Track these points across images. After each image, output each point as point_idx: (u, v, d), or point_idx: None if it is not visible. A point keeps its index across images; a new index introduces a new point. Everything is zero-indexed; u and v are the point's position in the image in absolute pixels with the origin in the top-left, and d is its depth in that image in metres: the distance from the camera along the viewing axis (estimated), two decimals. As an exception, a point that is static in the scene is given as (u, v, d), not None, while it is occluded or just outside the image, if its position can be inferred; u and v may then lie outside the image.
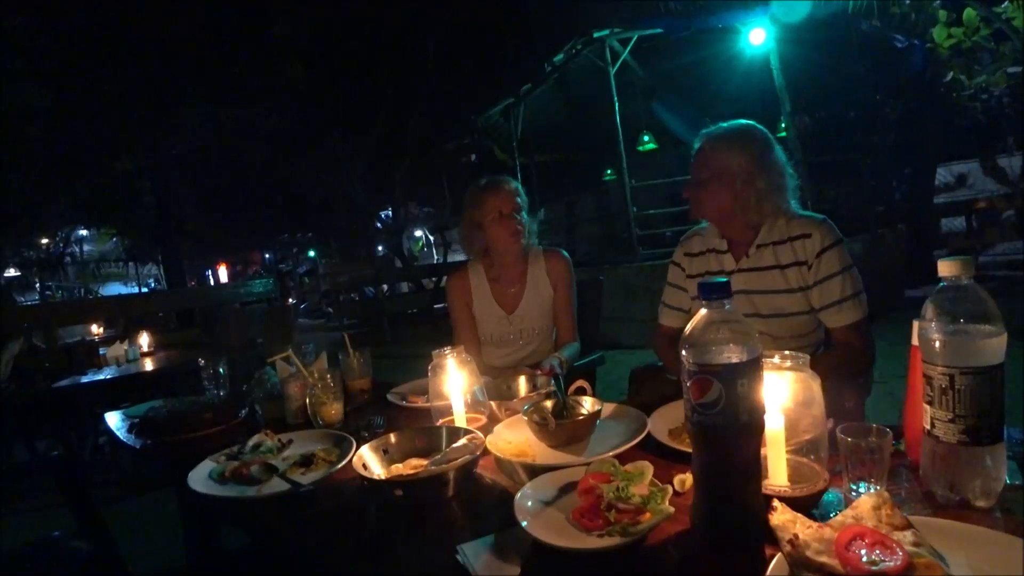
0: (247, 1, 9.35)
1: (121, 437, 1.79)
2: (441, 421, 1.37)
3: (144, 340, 4.36)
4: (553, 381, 1.36)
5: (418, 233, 22.69)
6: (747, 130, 1.64)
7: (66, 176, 10.36)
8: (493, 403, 1.42)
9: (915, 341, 0.90)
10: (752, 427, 0.77)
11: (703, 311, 0.78)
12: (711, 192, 1.62)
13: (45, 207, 11.37)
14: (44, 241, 17.05)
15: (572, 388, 1.37)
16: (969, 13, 6.10)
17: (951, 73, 7.11)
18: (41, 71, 8.45)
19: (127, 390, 3.57)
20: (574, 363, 2.07)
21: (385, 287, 11.32)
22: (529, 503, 0.91)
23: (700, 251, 1.81)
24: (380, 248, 17.05)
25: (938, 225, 9.07)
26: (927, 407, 0.85)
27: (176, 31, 8.84)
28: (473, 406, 1.38)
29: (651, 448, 1.12)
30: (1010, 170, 8.89)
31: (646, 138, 8.88)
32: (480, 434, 1.16)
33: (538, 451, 1.19)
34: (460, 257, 2.26)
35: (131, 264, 21.38)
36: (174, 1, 8.79)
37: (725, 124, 1.66)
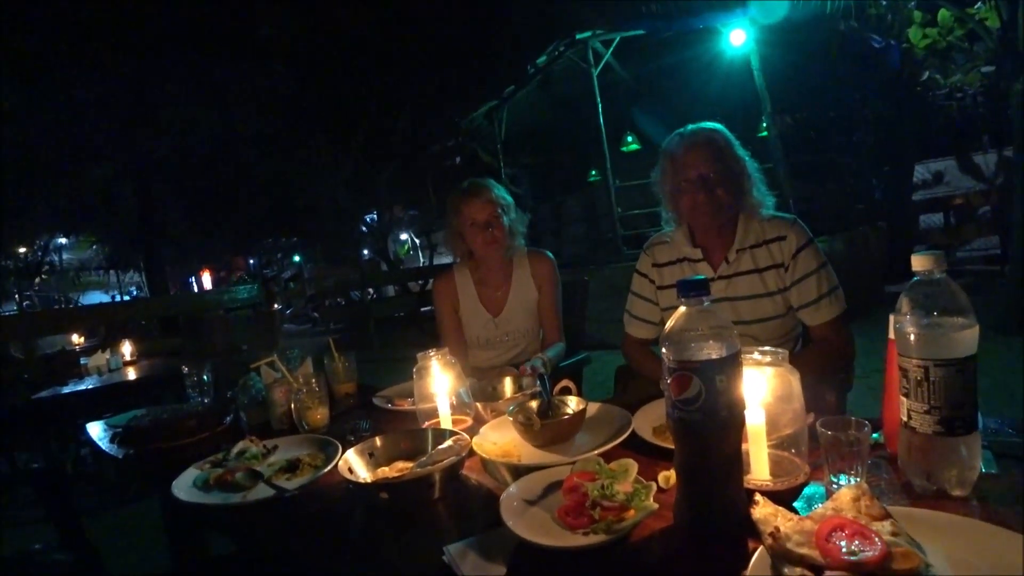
0: (230, 2, 9.26)
1: (103, 447, 1.77)
2: (427, 423, 1.37)
3: (126, 349, 4.30)
4: (538, 381, 1.36)
5: (403, 236, 22.60)
6: (722, 128, 1.65)
7: (43, 182, 10.17)
8: (479, 404, 1.42)
9: (891, 335, 0.92)
10: (732, 422, 0.78)
11: (682, 308, 0.79)
12: (728, 190, 1.58)
13: (22, 214, 11.15)
14: (22, 250, 16.73)
15: (557, 388, 1.37)
16: (943, 14, 6.22)
17: (927, 73, 7.26)
18: (16, 72, 8.29)
19: (110, 400, 3.51)
20: (560, 363, 2.07)
21: (371, 291, 11.27)
22: (514, 503, 0.92)
23: (670, 261, 1.76)
24: (366, 252, 16.96)
25: (917, 222, 9.23)
26: (903, 399, 0.87)
27: (157, 32, 8.73)
28: (458, 408, 1.38)
29: (636, 446, 1.13)
30: (985, 167, 9.08)
31: (629, 139, 8.94)
32: (465, 435, 1.16)
33: (524, 451, 1.19)
34: (447, 260, 2.28)
35: (112, 272, 21.05)
36: (155, 1, 8.67)
37: (698, 125, 1.64)
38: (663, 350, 0.79)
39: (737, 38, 6.60)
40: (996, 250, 8.03)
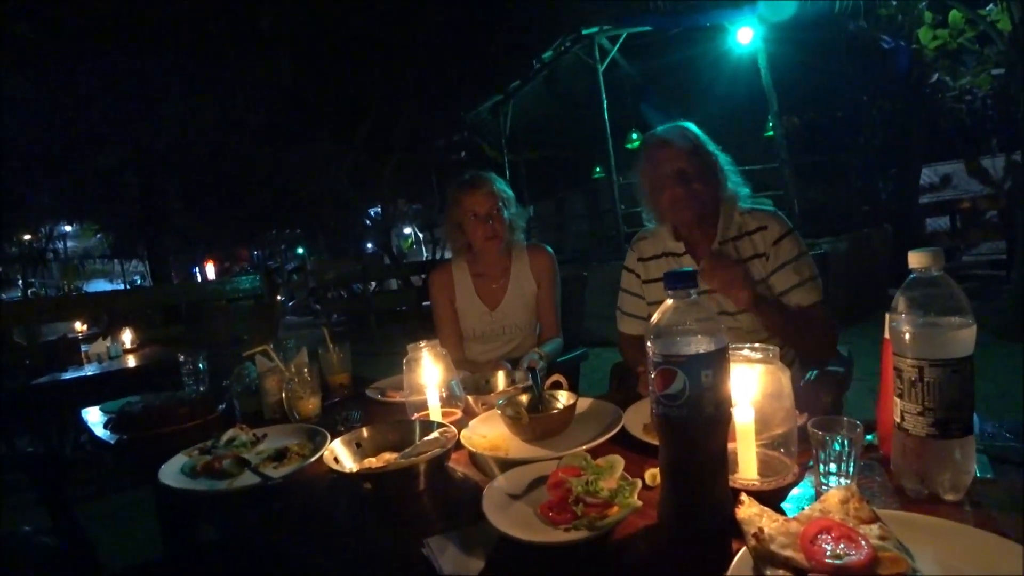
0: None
1: (97, 433, 1.77)
2: (416, 416, 1.35)
3: (127, 337, 4.32)
4: (529, 375, 1.35)
5: (407, 230, 22.59)
6: (692, 125, 1.70)
7: (48, 170, 10.20)
8: (469, 397, 1.41)
9: (887, 334, 0.90)
10: (718, 419, 0.76)
11: (668, 301, 0.78)
12: (705, 182, 1.61)
13: (27, 202, 11.18)
14: (27, 237, 16.80)
15: (548, 382, 1.36)
16: (954, 15, 6.16)
17: (936, 74, 7.20)
18: (20, 59, 8.30)
19: (109, 387, 3.52)
20: (557, 358, 2.06)
21: (373, 284, 11.28)
22: (498, 497, 0.91)
23: (654, 255, 1.80)
24: (369, 245, 16.97)
25: (923, 225, 9.16)
26: (897, 400, 0.85)
27: (161, 22, 8.72)
28: (449, 400, 1.37)
29: (625, 442, 1.12)
30: (993, 171, 9.00)
31: (635, 136, 8.89)
32: (452, 428, 1.15)
33: (512, 445, 1.18)
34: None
35: (116, 260, 21.11)
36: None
37: (668, 124, 1.70)
38: (648, 344, 0.78)
39: (744, 36, 6.56)
40: (1002, 255, 7.96)
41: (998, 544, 0.68)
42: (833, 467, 0.85)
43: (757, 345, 0.89)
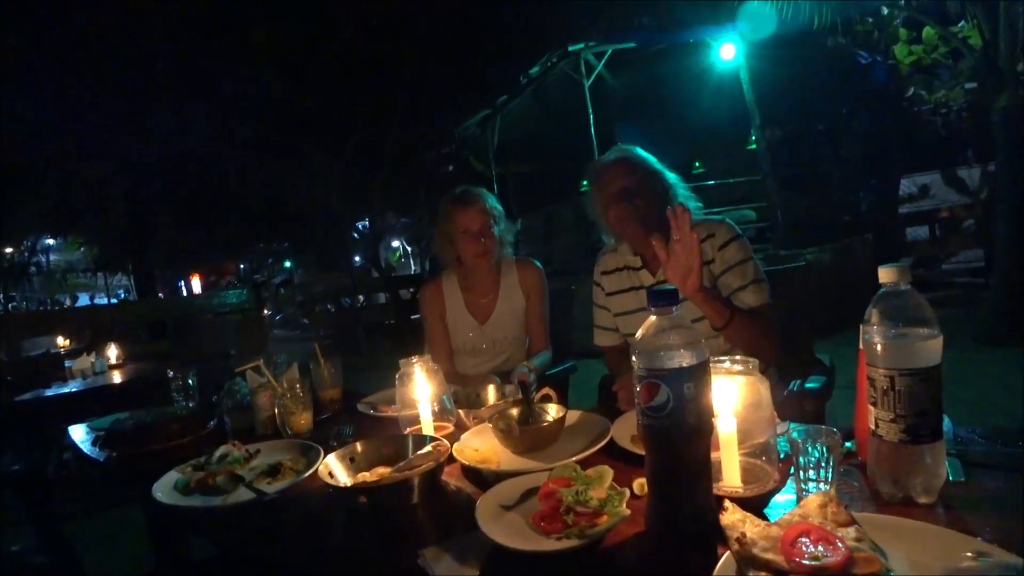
0: (223, 6, 9.28)
1: (85, 450, 1.76)
2: (409, 430, 1.37)
3: (112, 352, 4.27)
4: (520, 389, 1.38)
5: (395, 244, 22.59)
6: (635, 148, 1.79)
7: (32, 182, 10.10)
8: (461, 411, 1.43)
9: (861, 345, 0.94)
10: (700, 429, 0.79)
11: (652, 318, 0.81)
12: (649, 198, 1.68)
13: (9, 215, 11.04)
14: (8, 250, 16.56)
15: (538, 396, 1.38)
16: (928, 32, 6.36)
17: (912, 88, 7.40)
18: (8, 71, 8.24)
19: (94, 404, 3.48)
20: (546, 371, 2.09)
21: (361, 298, 11.27)
22: (490, 508, 0.93)
23: (616, 268, 1.88)
24: (357, 259, 16.93)
25: (903, 234, 9.33)
26: (871, 408, 0.89)
27: (150, 35, 8.72)
28: (440, 414, 1.39)
29: (614, 453, 1.14)
30: (970, 181, 9.22)
31: (621, 149, 9.00)
32: (445, 441, 1.17)
33: (504, 458, 1.20)
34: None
35: (100, 274, 20.84)
36: (148, 4, 8.66)
37: (614, 147, 1.80)
38: (633, 358, 0.81)
39: (727, 52, 6.71)
40: (980, 262, 8.13)
41: (966, 543, 0.72)
42: (812, 473, 0.88)
43: (738, 358, 0.93)
